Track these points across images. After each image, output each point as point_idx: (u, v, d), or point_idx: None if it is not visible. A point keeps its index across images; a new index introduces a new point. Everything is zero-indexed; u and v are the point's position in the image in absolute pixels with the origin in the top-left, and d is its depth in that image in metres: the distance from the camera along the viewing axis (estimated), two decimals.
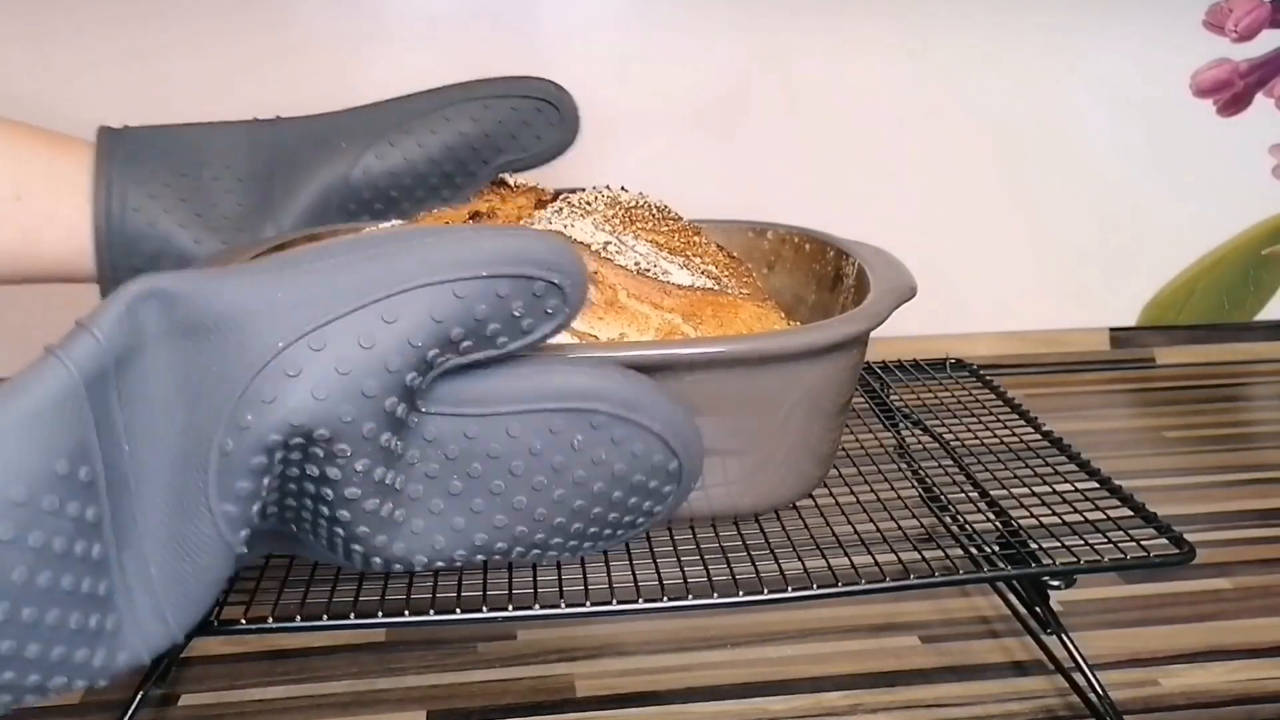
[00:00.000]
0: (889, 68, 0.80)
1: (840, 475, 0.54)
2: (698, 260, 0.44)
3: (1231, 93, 0.84)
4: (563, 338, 0.33)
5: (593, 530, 0.33)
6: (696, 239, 0.47)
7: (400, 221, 0.49)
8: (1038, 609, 0.49)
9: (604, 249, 0.41)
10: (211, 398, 0.26)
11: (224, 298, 0.26)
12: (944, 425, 0.61)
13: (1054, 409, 0.78)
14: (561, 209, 0.44)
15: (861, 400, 0.65)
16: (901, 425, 0.62)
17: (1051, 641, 0.50)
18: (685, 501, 0.34)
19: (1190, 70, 0.83)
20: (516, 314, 0.28)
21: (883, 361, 0.68)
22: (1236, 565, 0.59)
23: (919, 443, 0.60)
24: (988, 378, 0.66)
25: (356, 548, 0.30)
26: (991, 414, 0.61)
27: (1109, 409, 0.80)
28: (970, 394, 0.65)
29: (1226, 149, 0.85)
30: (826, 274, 0.51)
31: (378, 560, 0.31)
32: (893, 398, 0.65)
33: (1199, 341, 0.88)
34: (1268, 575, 0.58)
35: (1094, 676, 0.46)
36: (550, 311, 0.29)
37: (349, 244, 0.28)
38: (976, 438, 0.59)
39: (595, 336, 0.39)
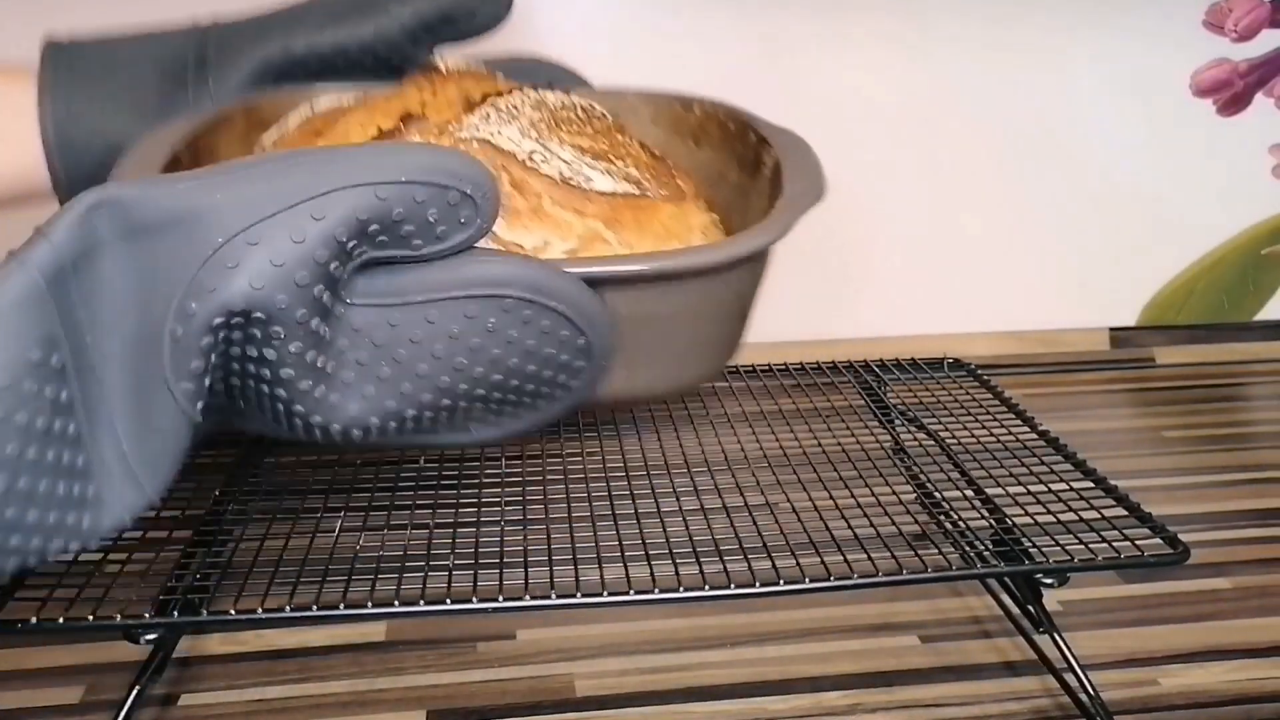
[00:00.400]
0: (888, 67, 0.80)
1: (837, 473, 0.55)
2: (619, 164, 0.45)
3: (1231, 93, 0.84)
4: (486, 243, 0.35)
5: (512, 398, 0.36)
6: (620, 138, 0.48)
7: (337, 84, 0.51)
8: (1030, 608, 0.49)
9: (529, 158, 0.42)
10: (162, 290, 0.30)
11: (170, 201, 0.30)
12: (940, 424, 0.61)
13: (1053, 409, 0.78)
14: (489, 115, 0.46)
15: (858, 398, 0.65)
16: (898, 424, 0.62)
17: (1044, 641, 0.50)
18: (607, 385, 0.37)
19: (1190, 70, 0.83)
20: (432, 219, 0.32)
21: (880, 360, 0.68)
22: (1235, 565, 0.59)
23: (915, 441, 0.60)
24: (985, 377, 0.66)
25: (297, 420, 0.33)
26: (988, 413, 0.61)
27: (1108, 409, 0.80)
28: (967, 393, 0.64)
29: (1226, 149, 0.85)
30: (748, 157, 0.52)
31: (318, 432, 0.34)
32: (890, 396, 0.65)
33: (1198, 341, 0.88)
34: (1266, 575, 0.58)
35: (1085, 676, 0.46)
36: (463, 221, 0.32)
37: (283, 154, 0.32)
38: (973, 436, 0.59)
39: (520, 245, 0.41)
